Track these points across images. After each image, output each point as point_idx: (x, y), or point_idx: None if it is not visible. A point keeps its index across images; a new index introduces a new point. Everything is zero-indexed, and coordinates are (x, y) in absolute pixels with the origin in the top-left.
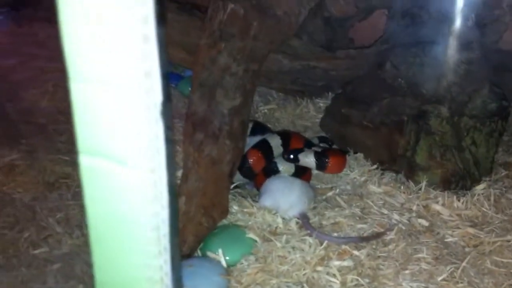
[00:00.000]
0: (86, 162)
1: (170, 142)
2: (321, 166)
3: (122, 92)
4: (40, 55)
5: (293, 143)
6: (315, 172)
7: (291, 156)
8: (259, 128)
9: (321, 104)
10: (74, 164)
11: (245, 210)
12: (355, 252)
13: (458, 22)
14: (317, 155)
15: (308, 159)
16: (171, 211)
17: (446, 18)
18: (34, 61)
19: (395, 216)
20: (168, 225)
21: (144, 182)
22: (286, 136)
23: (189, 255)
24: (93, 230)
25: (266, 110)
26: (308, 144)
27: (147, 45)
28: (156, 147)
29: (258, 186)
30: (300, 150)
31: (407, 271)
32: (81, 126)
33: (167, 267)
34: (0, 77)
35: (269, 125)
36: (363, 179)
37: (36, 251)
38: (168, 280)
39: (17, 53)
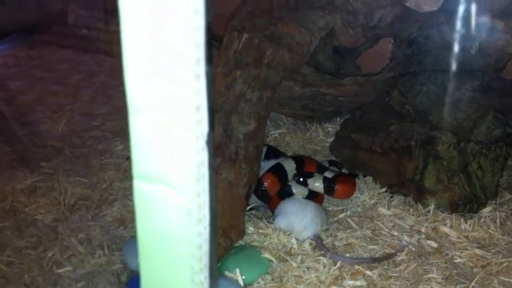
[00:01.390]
0: (139, 186)
1: (211, 168)
2: (329, 191)
3: (175, 123)
4: (50, 78)
5: (307, 167)
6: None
7: (301, 180)
8: (273, 152)
9: (330, 129)
10: (92, 186)
11: (261, 231)
12: (368, 272)
13: (462, 51)
14: (326, 181)
15: (316, 184)
16: (211, 231)
17: (451, 47)
18: (45, 84)
19: (405, 238)
20: (209, 244)
21: (191, 205)
22: (300, 161)
23: None
24: (142, 248)
25: (276, 135)
26: (321, 168)
27: (198, 82)
28: (201, 173)
29: (273, 208)
30: (310, 175)
31: None
32: (137, 153)
33: (206, 283)
34: (12, 100)
35: (281, 150)
36: (372, 201)
37: (60, 270)
38: None
39: (28, 76)
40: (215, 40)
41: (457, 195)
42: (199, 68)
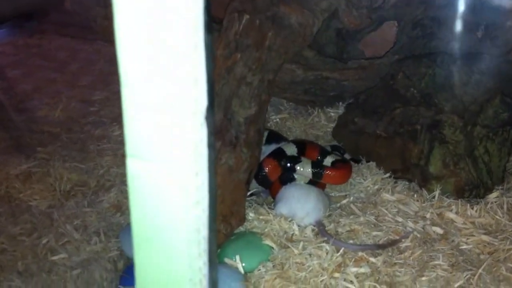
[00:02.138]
0: (133, 165)
1: (211, 147)
2: (317, 176)
3: (171, 97)
4: (48, 66)
5: (308, 151)
6: None
7: (288, 165)
8: (274, 136)
9: (332, 114)
10: (89, 172)
11: (261, 217)
12: (372, 259)
13: (468, 33)
14: (314, 166)
15: (303, 169)
16: (210, 215)
17: (456, 29)
18: (43, 72)
19: (410, 224)
20: (208, 228)
21: (188, 185)
22: (301, 145)
23: None
24: (136, 232)
25: (278, 120)
26: (323, 152)
27: (196, 53)
28: (200, 151)
29: (274, 194)
30: (298, 160)
31: (424, 278)
32: (129, 130)
33: (205, 269)
34: (10, 88)
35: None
36: (376, 187)
37: (55, 257)
38: (206, 281)
39: (26, 64)
40: (214, 23)
41: (463, 180)
42: (197, 37)
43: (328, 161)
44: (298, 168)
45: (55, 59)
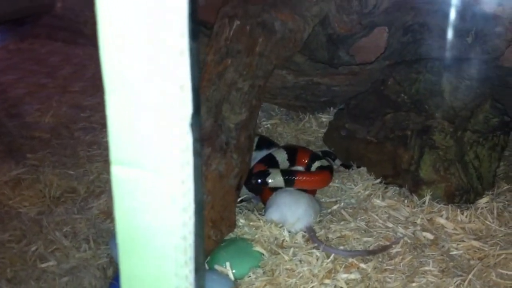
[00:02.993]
0: (118, 171)
1: (197, 154)
2: (289, 183)
3: (156, 103)
4: (40, 71)
5: (299, 157)
6: None
7: (259, 181)
8: (265, 142)
9: (324, 119)
10: (79, 178)
11: (252, 223)
12: (362, 265)
13: (458, 39)
14: (284, 174)
15: (275, 180)
16: (196, 222)
17: (447, 35)
18: (34, 77)
19: (400, 230)
20: (194, 236)
21: (174, 192)
22: (292, 151)
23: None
24: (122, 239)
25: (269, 125)
26: (314, 158)
27: (182, 58)
28: (186, 158)
29: (264, 200)
30: (267, 173)
31: (414, 284)
32: (114, 137)
33: (191, 277)
34: (4, 93)
35: (273, 140)
36: (367, 193)
37: (44, 265)
38: None
39: (17, 69)
40: (205, 28)
41: (453, 185)
42: (183, 43)
43: (315, 166)
44: (269, 180)
45: (47, 64)
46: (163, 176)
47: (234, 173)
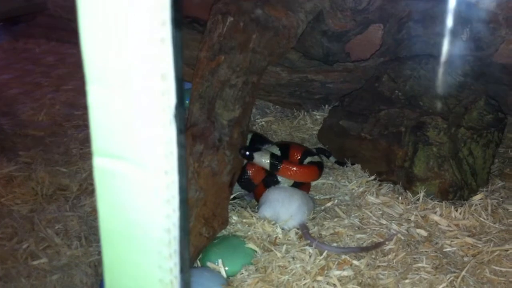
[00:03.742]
0: (100, 163)
1: (181, 145)
2: (273, 168)
3: (138, 93)
4: (35, 70)
5: (291, 153)
6: (313, 183)
7: (247, 153)
8: (258, 139)
9: (318, 117)
10: (71, 176)
11: (245, 220)
12: (355, 262)
13: (453, 36)
14: (273, 157)
15: (263, 159)
16: (181, 214)
17: (442, 32)
18: (29, 76)
19: (394, 226)
20: (179, 228)
21: (158, 184)
22: (285, 147)
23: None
24: (105, 232)
25: (263, 123)
26: (306, 153)
27: (164, 46)
28: (169, 149)
29: (258, 197)
30: (257, 149)
31: (407, 281)
32: (96, 128)
33: (176, 270)
34: (2, 92)
35: (266, 137)
36: (361, 189)
37: (35, 262)
38: (177, 283)
39: (12, 68)
40: (199, 24)
41: (447, 182)
42: (165, 31)
43: (306, 161)
44: (256, 156)
45: (42, 63)
46: (146, 167)
47: (227, 170)
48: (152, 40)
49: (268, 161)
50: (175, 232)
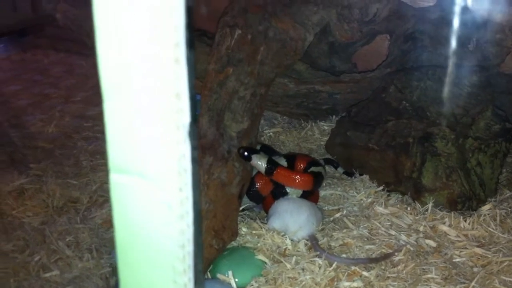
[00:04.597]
0: (116, 179)
1: (195, 162)
2: (269, 172)
3: (153, 112)
4: (43, 81)
5: (297, 163)
6: (322, 193)
7: (245, 154)
8: (266, 150)
9: (326, 127)
10: (82, 188)
11: (254, 232)
12: (365, 273)
13: (459, 46)
14: (270, 162)
15: (259, 162)
16: (195, 230)
17: (448, 42)
18: (38, 87)
19: (403, 237)
20: (193, 244)
21: (172, 200)
22: (291, 158)
23: None
24: (121, 248)
25: (271, 133)
26: (311, 163)
27: (178, 67)
28: (183, 166)
29: (267, 208)
30: (256, 151)
31: None
32: (113, 145)
33: (191, 285)
34: (5, 103)
35: (275, 148)
36: (369, 200)
37: (47, 275)
38: None
39: (21, 79)
40: (207, 37)
41: (456, 192)
42: (179, 52)
43: (311, 170)
44: (253, 159)
45: (50, 74)
46: (160, 183)
47: (236, 182)
48: (167, 60)
49: (265, 165)
50: (189, 248)
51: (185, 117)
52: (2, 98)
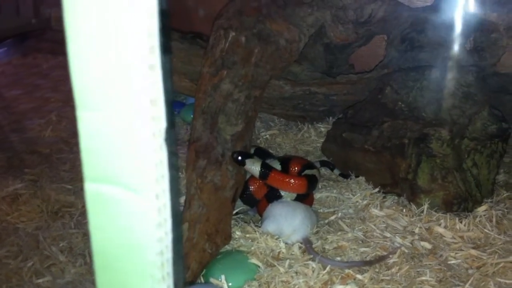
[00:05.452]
0: (92, 188)
1: (173, 168)
2: (263, 176)
3: (128, 119)
4: (43, 85)
5: (291, 166)
6: (317, 196)
7: (239, 158)
8: (261, 153)
9: (322, 129)
10: (77, 192)
11: (248, 235)
12: (359, 276)
13: (456, 46)
14: (264, 166)
15: (253, 166)
16: (174, 237)
17: (445, 42)
18: (38, 91)
19: (398, 239)
20: (171, 251)
21: (149, 208)
22: (285, 161)
23: (192, 282)
24: (98, 256)
25: (268, 136)
26: (306, 166)
27: (153, 73)
28: (160, 173)
29: (261, 211)
30: (250, 156)
31: None
32: (87, 153)
33: None
34: (5, 107)
35: (271, 151)
36: (365, 202)
37: (40, 280)
38: None
39: (21, 83)
40: (201, 40)
41: (451, 194)
42: (154, 58)
43: (305, 173)
44: (247, 163)
45: (50, 78)
46: (137, 191)
47: (229, 185)
48: (142, 67)
49: (258, 169)
50: (167, 255)
51: (161, 124)
52: (4, 102)
